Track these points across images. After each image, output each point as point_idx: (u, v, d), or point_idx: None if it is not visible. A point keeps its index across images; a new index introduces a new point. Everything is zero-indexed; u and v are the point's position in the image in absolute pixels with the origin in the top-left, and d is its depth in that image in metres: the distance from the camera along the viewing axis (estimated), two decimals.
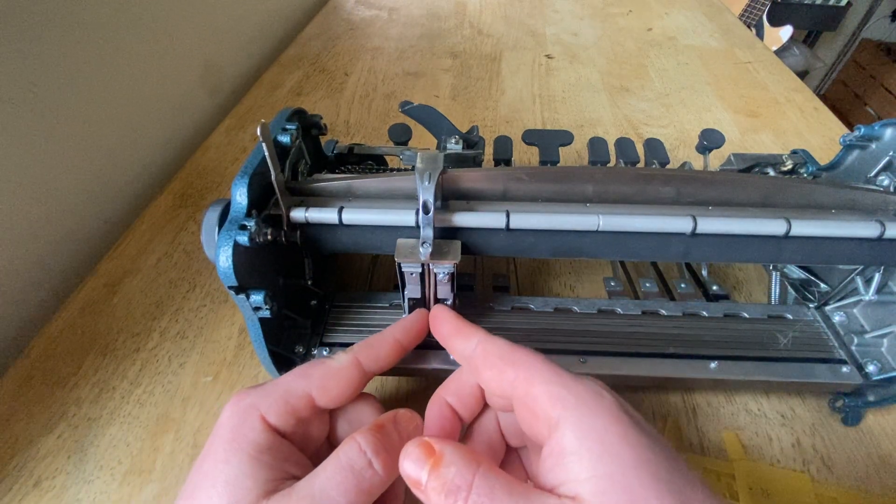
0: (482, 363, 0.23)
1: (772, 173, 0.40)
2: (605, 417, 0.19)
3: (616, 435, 0.18)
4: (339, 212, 0.29)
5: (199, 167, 0.56)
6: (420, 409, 0.25)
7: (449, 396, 0.25)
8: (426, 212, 0.27)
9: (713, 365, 0.32)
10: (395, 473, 0.23)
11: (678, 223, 0.29)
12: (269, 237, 0.28)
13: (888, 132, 0.33)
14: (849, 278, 0.35)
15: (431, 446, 0.20)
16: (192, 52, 0.61)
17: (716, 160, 0.47)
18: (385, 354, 0.27)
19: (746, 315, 0.35)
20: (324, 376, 0.25)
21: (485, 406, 0.26)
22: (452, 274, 0.28)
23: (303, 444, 0.24)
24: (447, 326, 0.26)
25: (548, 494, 0.18)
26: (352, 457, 0.22)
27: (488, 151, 0.43)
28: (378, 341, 0.27)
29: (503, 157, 0.42)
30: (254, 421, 0.23)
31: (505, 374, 0.22)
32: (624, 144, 0.44)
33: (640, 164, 0.44)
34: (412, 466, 0.20)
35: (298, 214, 0.30)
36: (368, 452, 0.22)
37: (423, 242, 0.27)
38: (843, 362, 0.32)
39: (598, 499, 0.17)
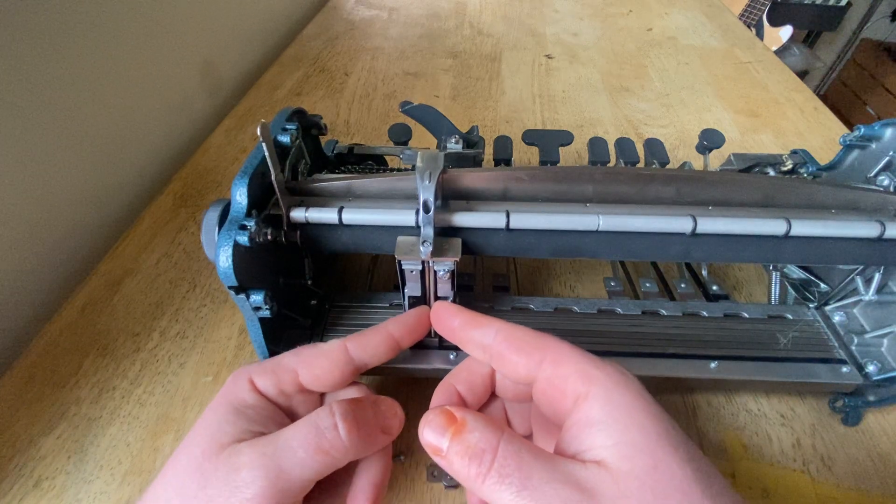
0: (507, 348, 0.23)
1: (772, 173, 0.40)
2: (630, 394, 0.20)
3: (641, 409, 0.19)
4: (339, 212, 0.29)
5: (199, 167, 0.56)
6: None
7: (458, 384, 0.25)
8: (426, 211, 0.27)
9: (713, 365, 0.32)
10: (360, 448, 0.23)
11: (678, 223, 0.29)
12: (269, 237, 0.28)
13: (888, 132, 0.33)
14: (849, 278, 0.35)
15: (452, 414, 0.21)
16: (192, 52, 0.61)
17: (716, 160, 0.47)
18: (375, 345, 0.26)
19: (746, 315, 0.35)
20: (310, 356, 0.26)
21: (491, 396, 0.26)
22: (453, 271, 0.28)
23: (292, 418, 0.25)
24: (459, 318, 0.25)
25: (573, 460, 0.19)
26: (321, 416, 0.23)
27: (488, 151, 0.43)
28: (370, 331, 0.27)
29: (503, 157, 0.42)
30: (243, 382, 0.25)
31: (532, 357, 0.22)
32: (624, 144, 0.44)
33: (640, 164, 0.44)
34: (432, 434, 0.20)
35: (298, 214, 0.30)
36: (337, 416, 0.23)
37: (424, 241, 0.27)
38: (843, 362, 0.32)
39: (623, 463, 0.18)
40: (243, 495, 0.21)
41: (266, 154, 0.27)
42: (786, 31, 2.06)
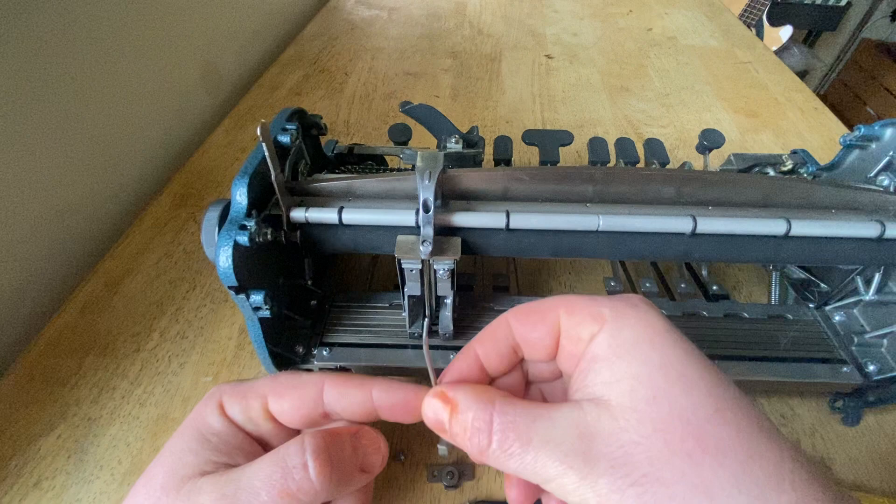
0: (523, 326, 0.21)
1: (772, 173, 0.40)
2: (639, 326, 0.19)
3: (646, 341, 0.18)
4: (339, 212, 0.29)
5: (199, 167, 0.56)
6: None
7: (481, 348, 0.22)
8: (426, 210, 0.27)
9: None
10: (333, 489, 0.21)
11: (678, 223, 0.29)
12: (269, 237, 0.28)
13: (888, 132, 0.33)
14: (849, 278, 0.35)
15: (446, 395, 0.20)
16: (192, 52, 0.61)
17: (716, 160, 0.47)
18: (350, 395, 0.23)
19: (746, 315, 0.35)
20: (284, 385, 0.24)
21: (513, 369, 0.24)
22: (452, 270, 0.28)
23: (265, 447, 0.24)
24: (473, 360, 0.22)
25: (571, 404, 0.18)
26: (289, 452, 0.21)
27: (488, 151, 0.43)
28: (354, 382, 0.24)
29: (503, 157, 0.42)
30: (213, 406, 0.23)
31: (548, 319, 0.21)
32: (624, 144, 0.44)
33: (640, 164, 0.44)
34: (433, 417, 0.21)
35: (298, 214, 0.30)
36: (307, 452, 0.21)
37: (424, 241, 0.27)
38: (843, 362, 0.32)
39: (622, 397, 0.17)
40: None
41: (266, 154, 0.27)
42: (786, 31, 2.06)
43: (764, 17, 1.92)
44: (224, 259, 0.26)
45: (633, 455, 0.16)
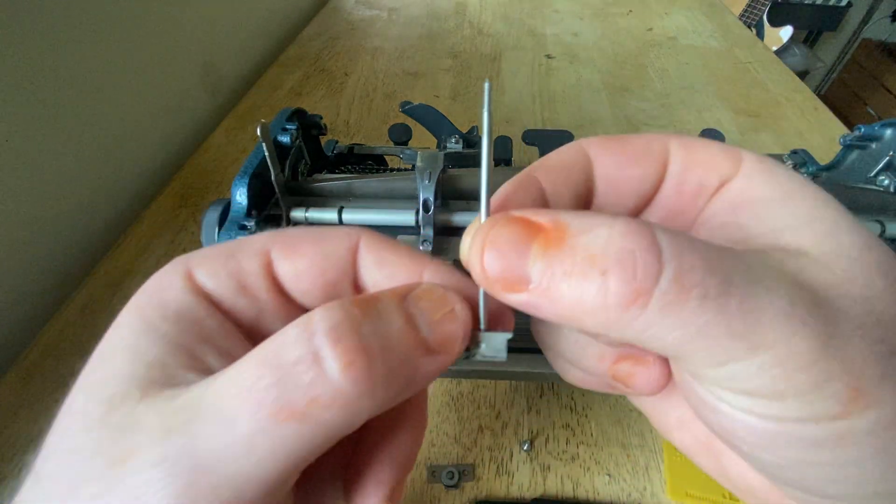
0: (615, 151, 0.15)
1: None
2: (785, 169, 0.13)
3: (808, 184, 0.13)
4: (339, 212, 0.29)
5: (199, 167, 0.56)
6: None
7: (544, 177, 0.15)
8: (426, 210, 0.27)
9: None
10: (380, 390, 0.11)
11: None
12: None
13: (888, 132, 0.33)
14: None
15: (527, 219, 0.11)
16: (192, 52, 0.61)
17: None
18: (392, 265, 0.14)
19: None
20: (300, 236, 0.14)
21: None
22: None
23: (259, 337, 0.14)
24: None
25: (754, 251, 0.12)
26: (285, 340, 0.11)
27: None
28: (401, 249, 0.15)
29: (503, 157, 0.42)
30: (173, 277, 0.14)
31: (651, 152, 0.14)
32: None
33: None
34: (499, 257, 0.11)
35: (298, 214, 0.30)
36: (318, 336, 0.11)
37: (424, 241, 0.27)
38: None
39: (823, 243, 0.12)
40: None
41: (266, 154, 0.27)
42: (786, 31, 2.07)
43: (764, 18, 1.92)
44: None
45: (880, 313, 0.11)
